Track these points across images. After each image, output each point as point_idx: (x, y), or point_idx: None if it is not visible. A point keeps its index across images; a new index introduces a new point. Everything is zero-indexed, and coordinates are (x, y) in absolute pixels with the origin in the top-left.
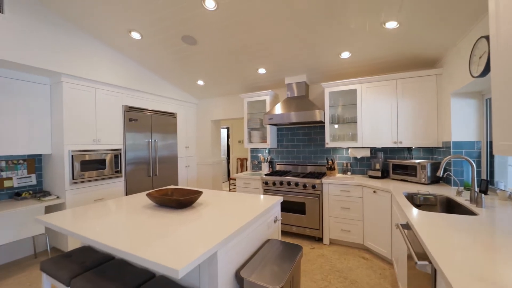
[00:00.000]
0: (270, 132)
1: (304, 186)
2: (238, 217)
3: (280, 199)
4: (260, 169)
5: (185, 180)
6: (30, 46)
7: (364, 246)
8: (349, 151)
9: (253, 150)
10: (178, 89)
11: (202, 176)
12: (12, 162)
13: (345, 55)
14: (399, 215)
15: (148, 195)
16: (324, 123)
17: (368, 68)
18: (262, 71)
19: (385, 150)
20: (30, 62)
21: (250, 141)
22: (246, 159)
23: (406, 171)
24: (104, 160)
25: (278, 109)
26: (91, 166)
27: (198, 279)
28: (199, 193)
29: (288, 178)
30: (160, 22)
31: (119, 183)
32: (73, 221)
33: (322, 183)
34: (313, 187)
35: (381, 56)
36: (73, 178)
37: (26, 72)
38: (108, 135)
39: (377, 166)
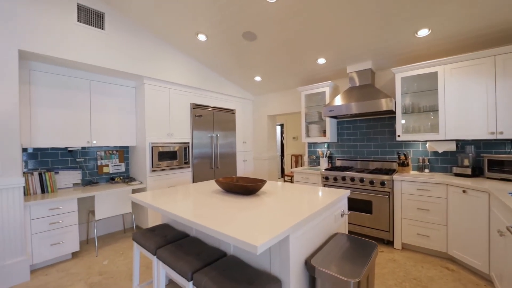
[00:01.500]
0: (330, 126)
1: (371, 182)
2: (304, 207)
3: (347, 192)
4: (318, 164)
5: (242, 174)
6: (122, 55)
7: (447, 255)
8: (427, 145)
9: (310, 145)
10: (237, 86)
11: (259, 170)
12: (108, 152)
13: (423, 33)
14: (504, 219)
15: (217, 181)
16: (394, 113)
17: (453, 46)
18: (321, 61)
19: (476, 143)
20: (122, 68)
21: (308, 135)
22: (301, 156)
23: (507, 169)
24: (176, 152)
25: (339, 100)
26: (165, 156)
27: (268, 262)
28: (263, 181)
29: (352, 173)
30: (223, 22)
31: (187, 173)
32: (162, 201)
33: (393, 180)
34: (382, 184)
35: (471, 30)
36: (152, 167)
37: (118, 77)
38: (179, 130)
39: (466, 162)
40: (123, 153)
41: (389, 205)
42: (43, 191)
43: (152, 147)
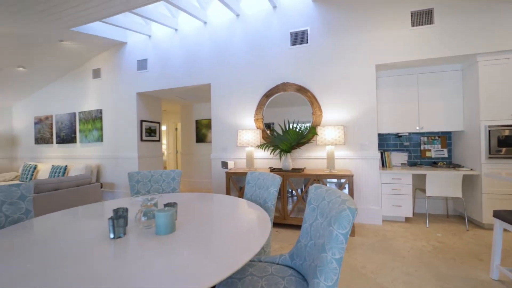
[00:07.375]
0: None
1: None
2: None
3: None
4: None
5: None
6: (449, 41)
7: None
8: None
9: None
10: None
11: None
12: (431, 138)
13: None
14: None
15: None
16: None
17: None
18: None
19: None
20: (449, 53)
21: None
22: None
23: None
24: None
25: None
26: (508, 142)
27: None
28: None
29: None
30: None
31: None
32: None
33: None
34: None
35: None
36: (489, 153)
37: (442, 64)
38: None
39: None
40: (446, 139)
41: None
42: (383, 165)
43: (489, 130)
